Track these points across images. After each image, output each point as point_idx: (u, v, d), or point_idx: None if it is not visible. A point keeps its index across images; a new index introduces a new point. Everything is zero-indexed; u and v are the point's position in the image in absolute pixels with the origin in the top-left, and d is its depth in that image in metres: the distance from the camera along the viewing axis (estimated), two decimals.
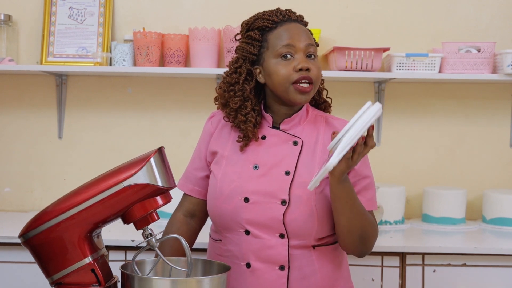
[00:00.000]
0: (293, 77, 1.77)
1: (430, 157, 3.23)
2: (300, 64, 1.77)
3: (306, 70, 1.77)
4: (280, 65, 1.79)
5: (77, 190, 1.60)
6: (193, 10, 3.18)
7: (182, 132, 3.20)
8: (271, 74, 1.80)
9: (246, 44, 1.85)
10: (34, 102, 3.21)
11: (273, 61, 1.80)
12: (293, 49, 1.79)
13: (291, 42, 1.79)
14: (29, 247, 1.60)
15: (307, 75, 1.77)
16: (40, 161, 3.22)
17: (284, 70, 1.78)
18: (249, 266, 1.80)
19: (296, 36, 1.80)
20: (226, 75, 1.89)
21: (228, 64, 1.91)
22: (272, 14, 1.83)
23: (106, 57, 3.03)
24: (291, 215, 1.77)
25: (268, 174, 1.80)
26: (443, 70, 2.99)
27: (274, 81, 1.80)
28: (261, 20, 1.83)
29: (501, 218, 2.98)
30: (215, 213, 1.86)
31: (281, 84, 1.79)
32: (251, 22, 1.85)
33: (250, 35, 1.83)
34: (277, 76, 1.79)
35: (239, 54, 1.87)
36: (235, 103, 1.83)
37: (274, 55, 1.80)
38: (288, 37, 1.79)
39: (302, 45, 1.79)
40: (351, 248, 1.81)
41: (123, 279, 1.58)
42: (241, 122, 1.83)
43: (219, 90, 1.89)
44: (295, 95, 1.79)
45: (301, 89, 1.78)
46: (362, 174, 1.84)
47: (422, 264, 2.63)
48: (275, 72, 1.79)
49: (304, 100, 1.80)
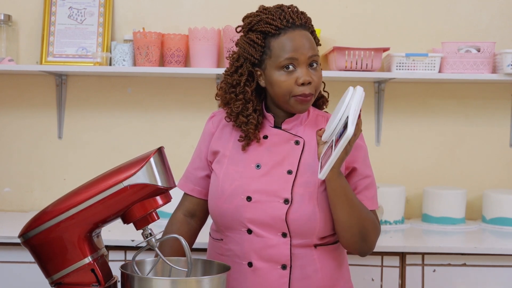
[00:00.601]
0: (295, 91, 1.77)
1: (430, 157, 3.23)
2: (302, 78, 1.76)
3: (308, 84, 1.78)
4: (282, 76, 1.78)
5: (77, 190, 1.60)
6: (193, 10, 3.18)
7: (182, 132, 3.20)
8: (272, 84, 1.80)
9: (248, 45, 1.82)
10: (34, 102, 3.21)
11: (275, 73, 1.79)
12: (296, 62, 1.77)
13: (294, 55, 1.77)
14: (29, 247, 1.60)
15: (309, 91, 1.78)
16: (40, 161, 3.22)
17: (286, 83, 1.77)
18: (251, 265, 1.80)
19: (300, 48, 1.77)
20: (227, 74, 1.88)
21: (229, 58, 1.89)
22: (276, 18, 1.79)
23: (106, 57, 3.03)
24: (293, 214, 1.77)
25: (270, 173, 1.81)
26: (443, 70, 2.99)
27: (275, 91, 1.80)
28: (264, 24, 1.79)
29: (501, 218, 2.98)
30: (216, 213, 1.86)
31: (282, 95, 1.79)
32: (254, 23, 1.81)
33: (252, 38, 1.81)
34: (279, 88, 1.79)
35: (240, 52, 1.86)
36: (237, 106, 1.83)
37: (276, 67, 1.78)
38: (291, 49, 1.77)
39: (305, 57, 1.78)
40: (352, 245, 1.81)
41: (123, 279, 1.58)
42: (243, 124, 1.83)
43: (220, 91, 1.89)
44: (295, 106, 1.80)
45: (302, 100, 1.78)
46: (364, 174, 1.85)
47: (422, 264, 2.63)
48: (277, 83, 1.79)
49: (304, 109, 1.81)
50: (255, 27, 1.81)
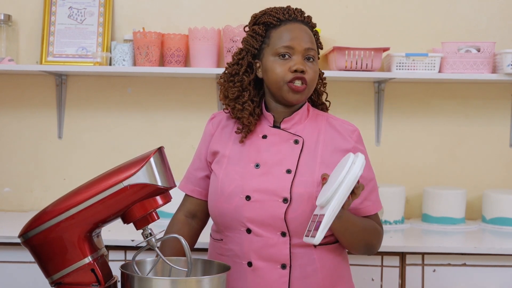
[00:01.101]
0: (288, 77, 1.80)
1: (430, 157, 3.23)
2: (296, 66, 1.79)
3: (301, 72, 1.79)
4: (277, 63, 1.81)
5: (77, 190, 1.60)
6: (193, 10, 3.18)
7: (182, 132, 3.20)
8: (267, 70, 1.83)
9: (251, 37, 1.88)
10: (34, 102, 3.21)
11: (271, 59, 1.83)
12: (291, 51, 1.81)
13: (291, 44, 1.81)
14: (29, 247, 1.60)
15: (302, 76, 1.80)
16: (40, 161, 3.22)
17: (280, 69, 1.81)
18: (251, 265, 1.80)
19: (297, 38, 1.82)
20: (228, 65, 1.93)
21: (232, 55, 1.94)
22: (279, 12, 1.85)
23: (106, 57, 3.03)
24: (292, 213, 1.77)
25: (269, 173, 1.81)
26: (443, 70, 2.99)
27: (269, 78, 1.83)
28: (267, 16, 1.85)
29: (501, 218, 2.98)
30: (216, 213, 1.86)
31: (275, 82, 1.81)
32: (259, 16, 1.88)
33: (255, 29, 1.87)
34: (273, 73, 1.81)
35: (243, 46, 1.91)
36: (233, 93, 1.87)
37: (272, 53, 1.82)
38: (289, 38, 1.81)
39: (302, 48, 1.81)
40: (356, 253, 1.88)
41: (123, 279, 1.58)
42: (238, 111, 1.86)
43: (220, 80, 1.93)
44: (288, 94, 1.81)
45: (295, 88, 1.80)
46: (368, 178, 1.86)
47: (422, 264, 2.63)
48: (271, 69, 1.82)
49: (297, 99, 1.82)
50: (259, 20, 1.88)
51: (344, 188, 1.61)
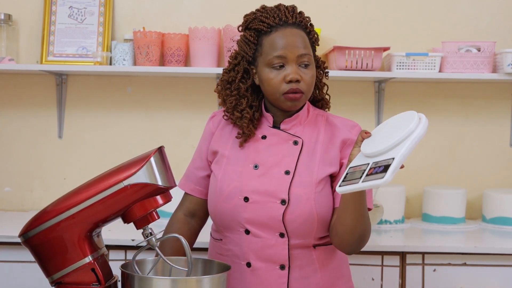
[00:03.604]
0: (283, 89, 1.78)
1: (430, 157, 3.23)
2: (291, 76, 1.77)
3: (296, 81, 1.78)
4: (271, 74, 1.79)
5: (77, 190, 1.60)
6: (193, 9, 3.18)
7: (182, 132, 3.20)
8: (262, 81, 1.82)
9: (244, 43, 1.85)
10: (34, 101, 3.21)
11: (265, 70, 1.80)
12: (284, 60, 1.78)
13: (283, 53, 1.77)
14: (29, 246, 1.60)
15: (297, 86, 1.78)
16: (40, 161, 3.22)
17: (274, 80, 1.78)
18: (250, 266, 1.80)
19: (289, 45, 1.78)
20: (224, 72, 1.91)
21: (228, 59, 1.92)
22: (269, 15, 1.81)
23: (106, 56, 3.03)
24: (290, 215, 1.77)
25: (268, 174, 1.81)
26: (443, 69, 2.99)
27: (265, 88, 1.82)
28: (258, 22, 1.81)
29: (501, 218, 2.98)
30: (215, 213, 1.86)
31: (272, 93, 1.80)
32: (249, 21, 1.84)
33: (246, 36, 1.84)
34: (268, 85, 1.80)
35: (238, 49, 1.89)
36: (231, 102, 1.86)
37: (266, 64, 1.80)
38: (281, 47, 1.78)
39: (294, 56, 1.78)
40: (345, 246, 1.79)
41: (123, 278, 1.58)
42: (237, 119, 1.85)
43: (217, 88, 1.91)
44: (285, 103, 1.81)
45: (291, 98, 1.79)
46: None
47: (422, 264, 2.63)
48: (266, 81, 1.80)
49: (294, 106, 1.82)
50: (250, 25, 1.84)
51: (416, 136, 1.52)
